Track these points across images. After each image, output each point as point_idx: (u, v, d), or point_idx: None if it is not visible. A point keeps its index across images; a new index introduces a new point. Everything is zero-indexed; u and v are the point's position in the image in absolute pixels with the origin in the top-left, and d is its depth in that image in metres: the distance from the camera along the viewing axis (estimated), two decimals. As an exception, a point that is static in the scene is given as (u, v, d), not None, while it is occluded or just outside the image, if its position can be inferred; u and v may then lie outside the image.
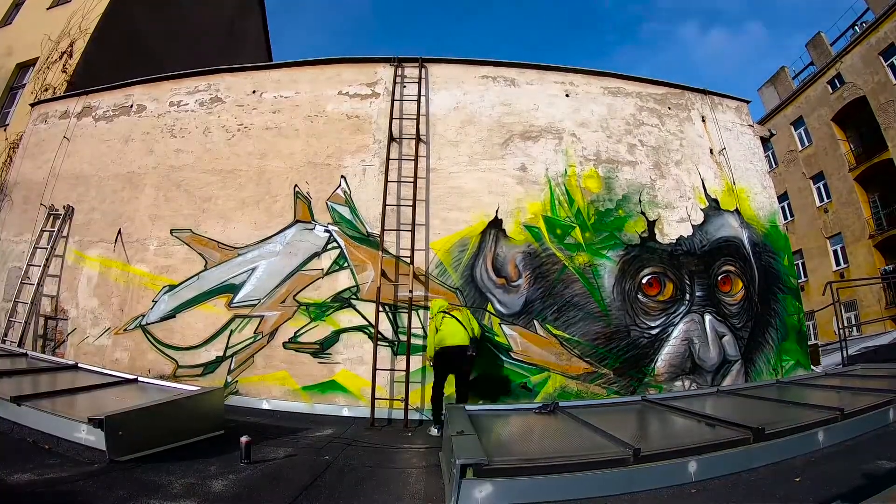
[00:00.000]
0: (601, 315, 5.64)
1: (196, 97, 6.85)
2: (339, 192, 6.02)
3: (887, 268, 14.95)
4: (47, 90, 8.49)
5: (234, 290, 5.82)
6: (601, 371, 5.50)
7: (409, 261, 5.51)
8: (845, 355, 7.39)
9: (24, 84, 9.17)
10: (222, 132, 6.55)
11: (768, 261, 6.51)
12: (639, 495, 2.58)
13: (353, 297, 5.62)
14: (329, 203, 5.98)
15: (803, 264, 18.12)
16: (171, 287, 5.98)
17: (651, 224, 6.08)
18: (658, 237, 6.05)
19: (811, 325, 14.40)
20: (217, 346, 5.67)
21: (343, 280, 5.69)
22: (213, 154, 6.46)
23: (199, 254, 6.03)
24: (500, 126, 6.29)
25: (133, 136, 6.87)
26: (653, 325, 5.71)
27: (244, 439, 3.25)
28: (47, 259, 6.44)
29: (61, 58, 8.76)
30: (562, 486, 2.56)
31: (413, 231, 5.61)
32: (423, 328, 5.45)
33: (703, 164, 6.63)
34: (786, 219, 18.31)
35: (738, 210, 6.54)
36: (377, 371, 5.14)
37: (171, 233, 6.19)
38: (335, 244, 5.81)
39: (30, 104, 8.04)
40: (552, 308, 5.60)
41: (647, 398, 4.58)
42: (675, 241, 6.07)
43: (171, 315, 5.89)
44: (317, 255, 5.80)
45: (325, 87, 6.55)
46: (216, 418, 3.98)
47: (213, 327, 5.74)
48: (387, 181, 5.79)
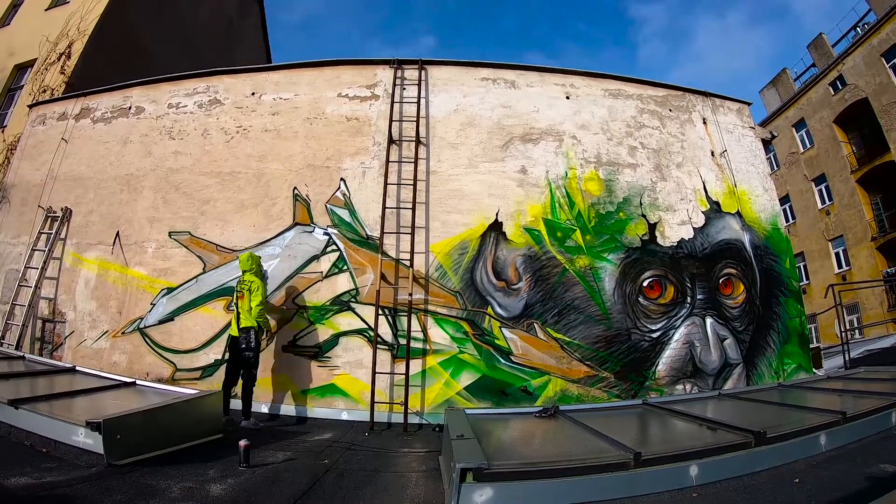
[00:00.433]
0: (602, 318, 5.61)
1: (195, 99, 6.82)
2: (338, 194, 5.99)
3: (889, 270, 14.91)
4: (45, 91, 8.46)
5: (232, 293, 5.74)
6: (602, 375, 5.47)
7: (408, 264, 5.49)
8: (847, 358, 7.39)
9: (22, 85, 9.16)
10: (221, 134, 6.52)
11: (770, 263, 6.49)
12: (640, 499, 2.58)
13: (353, 300, 5.59)
14: (328, 206, 5.96)
15: (805, 267, 18.12)
16: (170, 290, 5.94)
17: (652, 227, 6.06)
18: (659, 240, 6.02)
19: (813, 329, 14.39)
20: (216, 350, 5.63)
21: (342, 283, 5.66)
22: (211, 156, 6.43)
23: (198, 256, 6.00)
24: (501, 128, 6.27)
25: (131, 137, 6.83)
26: (654, 328, 5.69)
27: (243, 443, 3.24)
28: (45, 261, 6.41)
29: (59, 59, 8.73)
30: (562, 491, 2.55)
31: (413, 234, 5.58)
32: (423, 331, 5.42)
33: (705, 166, 6.61)
34: (787, 221, 18.31)
35: (739, 212, 6.52)
36: (376, 374, 5.11)
37: (170, 235, 6.15)
38: (334, 247, 5.79)
39: (28, 105, 8.00)
40: (552, 311, 5.57)
41: (648, 402, 4.59)
42: (676, 244, 6.05)
43: (169, 318, 5.86)
44: (316, 258, 5.77)
45: (324, 89, 6.53)
46: (215, 422, 3.97)
47: (212, 330, 5.71)
48: (386, 184, 5.77)
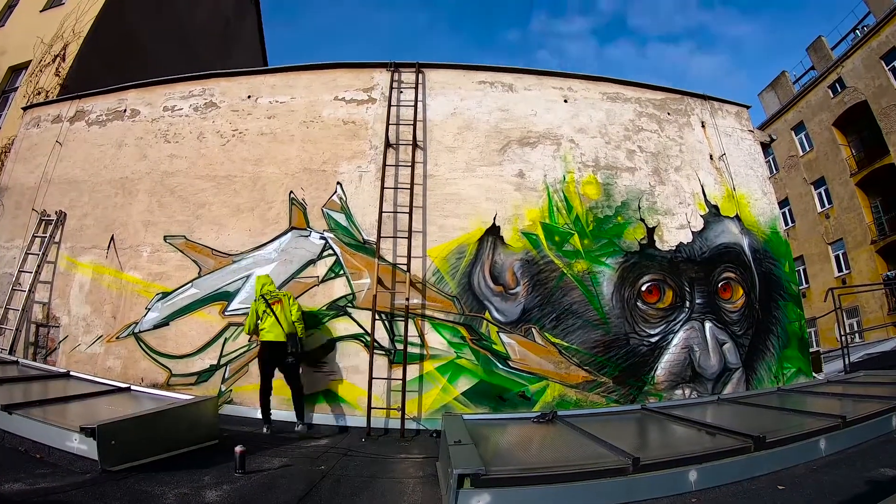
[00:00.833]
0: (600, 323, 5.59)
1: (190, 102, 6.77)
2: (334, 198, 5.95)
3: (889, 273, 14.84)
4: (40, 94, 8.40)
5: (228, 297, 5.75)
6: (600, 379, 5.45)
7: (405, 268, 5.45)
8: (847, 362, 7.38)
9: (17, 87, 9.08)
10: (217, 137, 6.47)
11: (769, 267, 6.47)
12: (638, 505, 2.56)
13: (349, 305, 5.56)
14: (325, 210, 5.92)
15: (804, 270, 18.09)
16: (165, 294, 5.90)
17: (650, 231, 6.04)
18: (657, 244, 6.00)
19: (813, 332, 14.41)
20: (211, 355, 5.59)
21: (339, 288, 5.63)
22: (207, 160, 6.39)
23: (193, 261, 5.95)
24: (498, 132, 6.24)
25: (126, 140, 6.78)
26: (652, 332, 5.66)
27: (238, 449, 3.22)
28: (39, 265, 6.35)
29: (54, 61, 8.67)
30: (560, 496, 2.55)
31: (410, 238, 5.55)
32: (420, 336, 5.39)
33: (703, 169, 6.59)
34: (787, 224, 18.27)
35: (738, 216, 6.50)
36: (373, 380, 5.07)
37: (165, 239, 6.10)
38: (331, 251, 5.75)
39: (22, 108, 7.92)
40: (550, 316, 5.54)
41: (646, 407, 4.58)
42: (674, 248, 6.03)
43: (164, 323, 5.81)
44: (312, 262, 5.73)
45: (320, 93, 6.49)
46: (210, 428, 3.96)
47: (207, 335, 5.66)
48: (383, 187, 5.73)
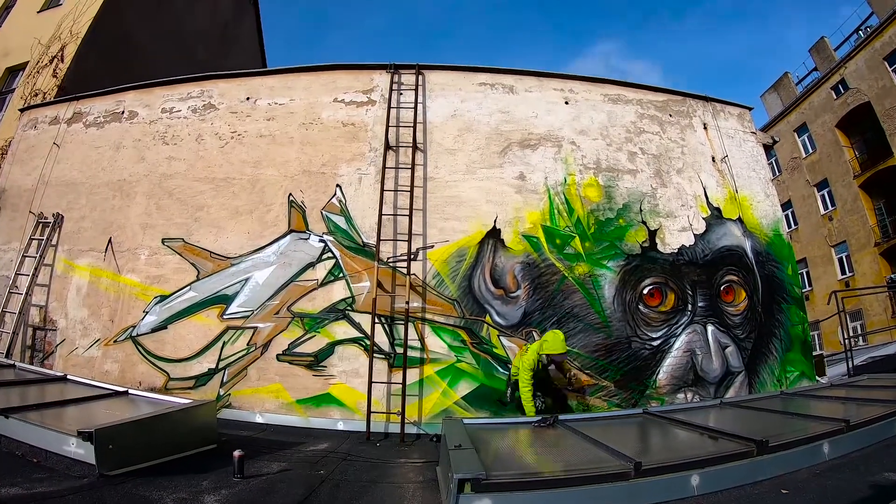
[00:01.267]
0: (601, 326, 5.55)
1: (189, 104, 6.74)
2: (334, 201, 5.91)
3: (893, 276, 14.65)
4: (37, 95, 8.34)
5: (227, 300, 5.71)
6: (602, 383, 5.42)
7: (405, 271, 5.42)
8: (851, 366, 7.33)
9: (14, 89, 9.01)
10: (215, 139, 6.44)
11: (772, 270, 6.43)
12: (640, 509, 2.53)
13: (349, 308, 5.52)
14: (324, 212, 5.88)
15: (808, 273, 17.93)
16: (163, 297, 5.86)
17: (652, 233, 6.00)
18: (659, 247, 5.97)
19: (816, 336, 14.34)
20: (209, 358, 5.55)
21: (338, 291, 5.59)
22: (205, 162, 6.35)
23: (192, 264, 5.91)
24: (499, 134, 6.21)
25: (124, 142, 6.74)
26: (654, 336, 5.63)
27: (237, 453, 3.20)
28: (36, 268, 6.31)
29: (52, 62, 8.61)
30: (562, 501, 2.52)
31: (410, 241, 5.52)
32: (420, 340, 5.37)
33: (705, 171, 6.55)
34: (789, 227, 18.15)
35: (740, 219, 6.46)
36: (373, 384, 5.05)
37: (163, 242, 6.06)
38: (330, 254, 5.71)
39: (19, 109, 7.88)
40: (551, 319, 5.51)
41: (648, 411, 4.53)
42: (676, 251, 5.99)
43: (162, 326, 5.77)
44: (311, 265, 5.70)
45: (320, 94, 6.46)
46: (208, 432, 3.91)
47: (206, 339, 5.62)
48: (383, 190, 5.70)
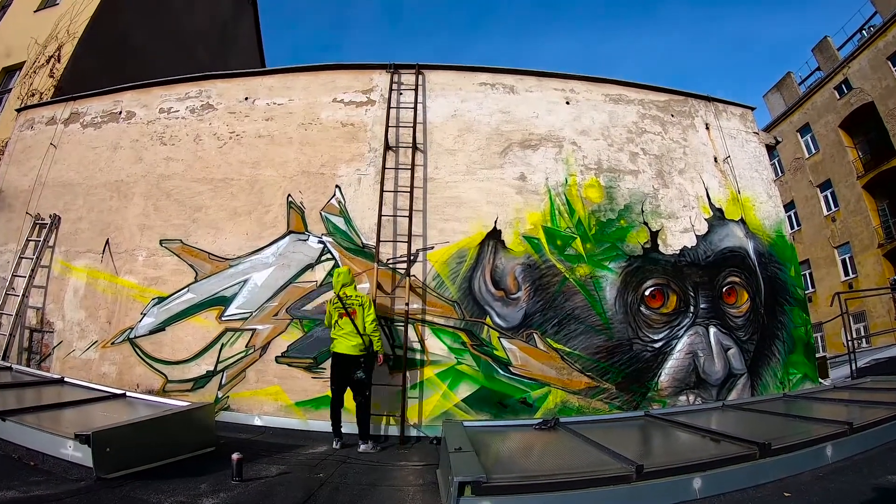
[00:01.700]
0: (603, 328, 5.51)
1: (187, 104, 6.69)
2: (333, 201, 5.87)
3: (897, 277, 14.71)
4: (34, 95, 8.29)
5: (225, 302, 5.66)
6: (603, 386, 5.38)
7: (405, 273, 5.37)
8: (854, 368, 7.28)
9: (10, 89, 8.97)
10: (213, 140, 6.39)
11: (774, 271, 6.39)
12: (642, 512, 2.53)
13: (348, 310, 5.47)
14: (323, 213, 5.83)
15: (810, 275, 17.85)
16: (161, 299, 5.81)
17: (654, 234, 5.96)
18: (661, 248, 5.92)
19: (819, 337, 14.27)
20: (208, 361, 5.51)
21: (338, 293, 5.55)
22: (203, 162, 6.30)
23: (190, 265, 5.87)
24: (499, 134, 6.16)
25: (122, 143, 6.69)
26: (656, 338, 5.59)
27: (235, 456, 3.19)
28: (33, 270, 6.26)
29: (48, 62, 8.56)
30: None
31: (409, 242, 5.48)
32: (420, 342, 5.32)
33: (707, 172, 6.51)
34: (792, 228, 18.11)
35: (743, 220, 6.42)
36: (372, 386, 4.98)
37: (161, 243, 6.02)
38: (329, 256, 5.67)
39: (15, 110, 7.82)
40: (552, 321, 5.47)
41: (650, 413, 4.55)
42: (678, 252, 5.95)
43: (160, 328, 5.73)
44: (310, 266, 5.65)
45: (319, 94, 6.41)
46: (207, 434, 3.91)
47: (204, 341, 5.58)
48: (382, 191, 5.65)
